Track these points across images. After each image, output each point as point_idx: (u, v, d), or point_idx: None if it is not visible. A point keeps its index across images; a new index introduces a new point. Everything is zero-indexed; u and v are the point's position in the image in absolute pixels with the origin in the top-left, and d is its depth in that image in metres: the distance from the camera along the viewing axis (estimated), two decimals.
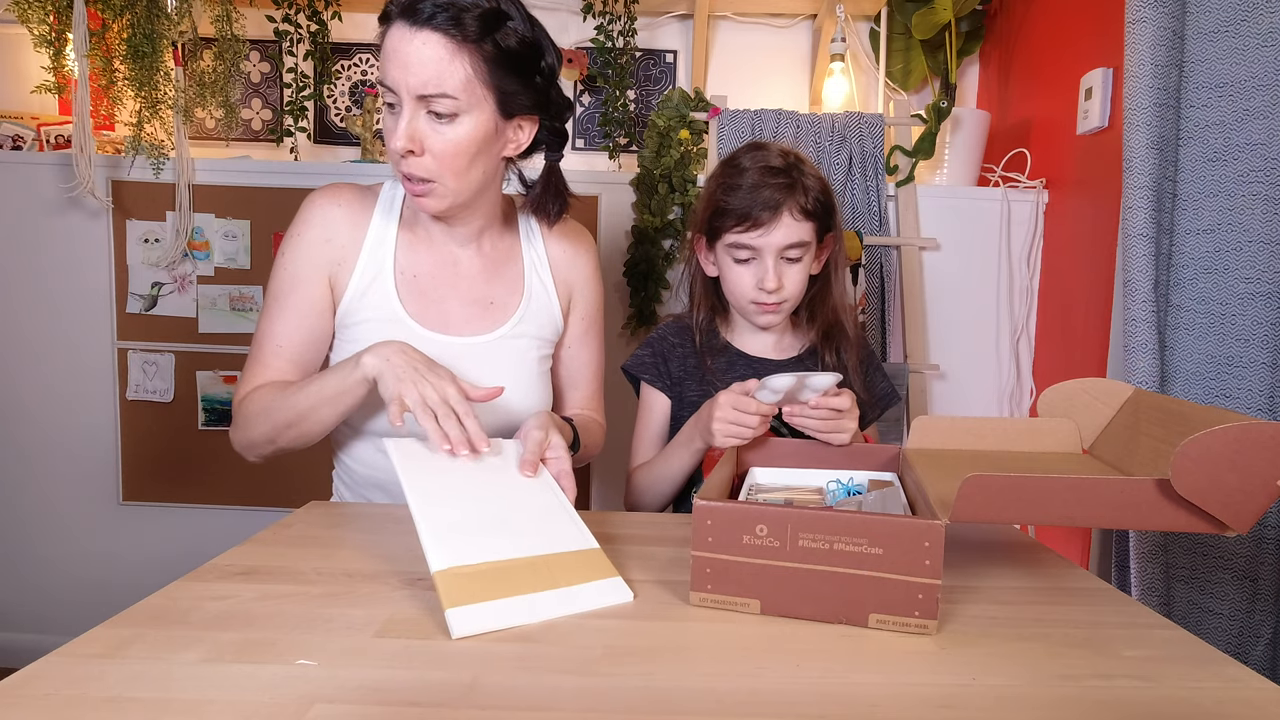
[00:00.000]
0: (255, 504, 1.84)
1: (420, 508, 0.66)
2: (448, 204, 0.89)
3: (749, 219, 0.97)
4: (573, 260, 1.06)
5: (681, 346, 1.09)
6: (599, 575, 0.67)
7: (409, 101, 0.82)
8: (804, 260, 1.00)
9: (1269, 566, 1.11)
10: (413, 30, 0.79)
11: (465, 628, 0.57)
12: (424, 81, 0.80)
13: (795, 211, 0.97)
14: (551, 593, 0.63)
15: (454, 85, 0.81)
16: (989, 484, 0.59)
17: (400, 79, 0.81)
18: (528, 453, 0.80)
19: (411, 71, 0.80)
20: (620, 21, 1.92)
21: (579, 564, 0.67)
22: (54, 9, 1.59)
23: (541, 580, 0.63)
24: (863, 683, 0.51)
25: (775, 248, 0.97)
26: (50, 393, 1.81)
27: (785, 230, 0.97)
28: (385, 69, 0.82)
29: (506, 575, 0.63)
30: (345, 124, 2.11)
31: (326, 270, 0.94)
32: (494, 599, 0.60)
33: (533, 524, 0.71)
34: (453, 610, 0.58)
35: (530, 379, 1.00)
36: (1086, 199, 1.59)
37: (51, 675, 0.49)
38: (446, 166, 0.85)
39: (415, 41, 0.80)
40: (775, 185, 0.97)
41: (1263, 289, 1.10)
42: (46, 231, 1.77)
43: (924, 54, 1.98)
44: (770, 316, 1.02)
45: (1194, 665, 0.55)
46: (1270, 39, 1.09)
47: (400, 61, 0.80)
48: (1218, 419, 0.63)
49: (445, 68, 0.80)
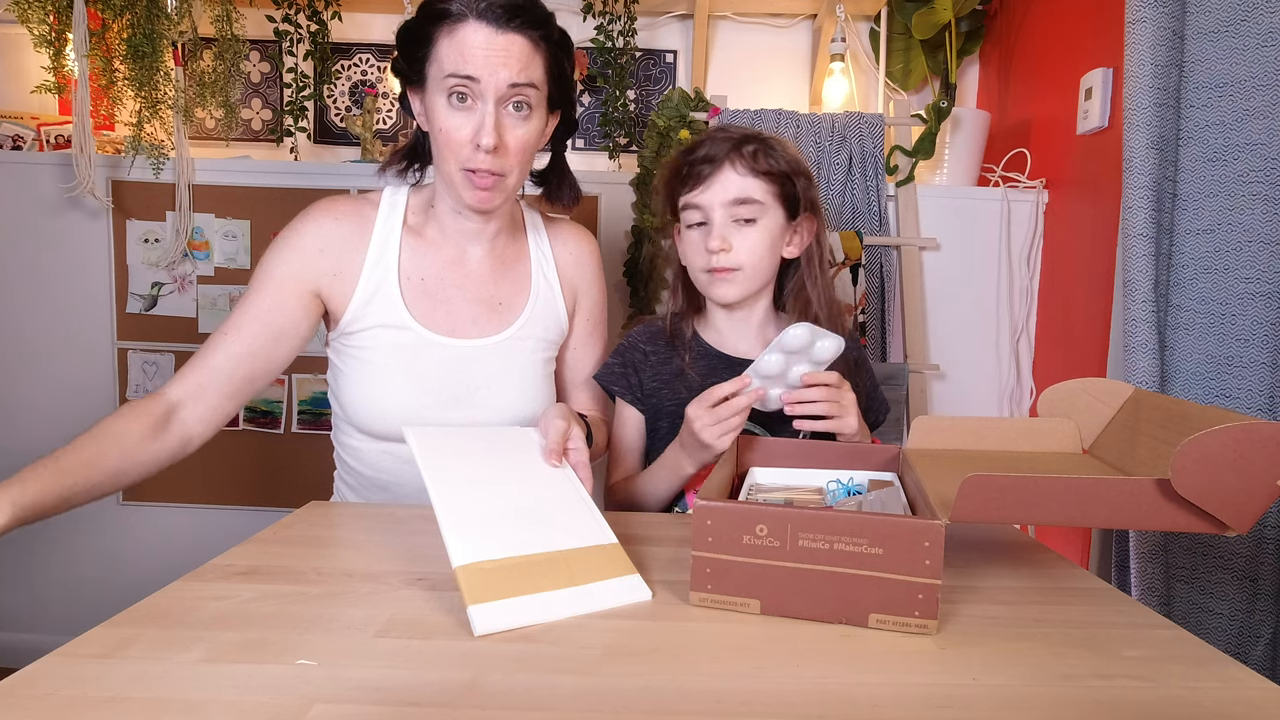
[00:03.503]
0: (255, 504, 1.84)
1: (441, 498, 0.66)
2: (505, 197, 0.92)
3: (692, 176, 0.95)
4: (578, 261, 1.06)
5: (655, 354, 1.03)
6: (618, 572, 0.67)
7: (493, 97, 0.84)
8: (760, 225, 0.95)
9: (1269, 566, 1.10)
10: (496, 31, 0.83)
11: (487, 625, 0.57)
12: (514, 74, 0.84)
13: (739, 164, 0.93)
14: (571, 590, 0.63)
15: (537, 79, 0.87)
16: (989, 484, 0.59)
17: (488, 72, 0.83)
18: (551, 442, 0.80)
19: (503, 66, 0.83)
20: (620, 21, 1.92)
21: (599, 560, 0.67)
22: (54, 9, 1.59)
23: (561, 577, 0.63)
24: (863, 683, 0.51)
25: (720, 203, 0.93)
26: (50, 393, 1.81)
27: (726, 183, 0.93)
28: (463, 63, 0.83)
29: (527, 571, 0.62)
30: (345, 124, 2.11)
31: (314, 281, 0.92)
32: (515, 595, 0.60)
33: (553, 517, 0.71)
34: (475, 607, 0.57)
35: (536, 380, 1.00)
36: (1086, 199, 1.59)
37: (51, 675, 0.49)
38: (516, 160, 0.89)
39: (501, 40, 0.83)
40: (719, 140, 0.95)
41: (1263, 289, 1.10)
42: (46, 231, 1.77)
43: (924, 54, 1.98)
44: (724, 286, 0.96)
45: (1194, 665, 0.55)
46: (1270, 39, 1.09)
47: (487, 60, 0.83)
48: (1218, 419, 0.63)
49: (529, 65, 0.85)
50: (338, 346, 0.97)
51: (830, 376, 0.88)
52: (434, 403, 0.93)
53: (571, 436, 0.83)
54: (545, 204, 1.04)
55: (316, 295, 0.93)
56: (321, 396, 1.79)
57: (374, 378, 0.93)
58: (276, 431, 1.81)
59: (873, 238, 1.71)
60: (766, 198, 0.95)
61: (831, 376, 0.88)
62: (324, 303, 0.94)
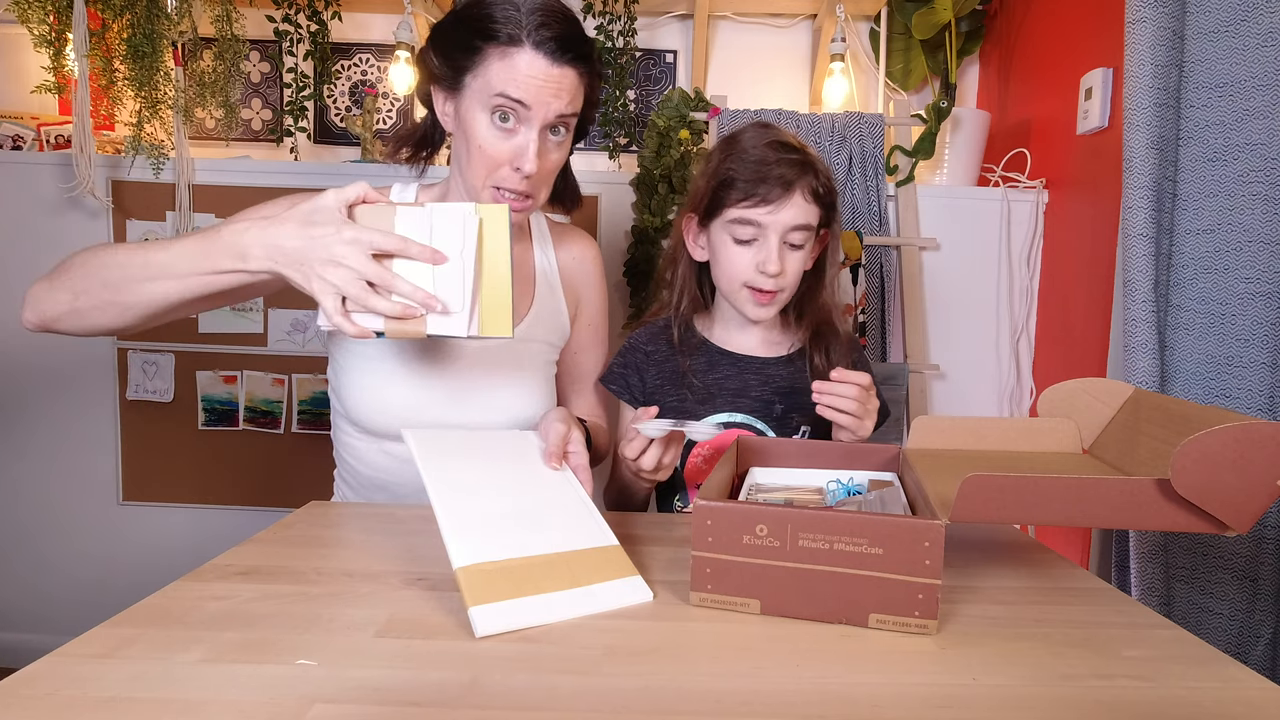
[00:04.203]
0: (255, 504, 1.84)
1: (441, 500, 0.66)
2: (528, 215, 0.95)
3: (757, 194, 0.91)
4: (580, 265, 1.07)
5: (658, 353, 1.04)
6: (619, 574, 0.67)
7: (539, 124, 0.85)
8: (805, 249, 0.95)
9: (1269, 566, 1.10)
10: (551, 64, 0.83)
11: (488, 626, 0.57)
12: (564, 106, 0.85)
13: (807, 192, 0.92)
14: (572, 591, 0.63)
15: (579, 109, 0.89)
16: (989, 484, 0.59)
17: (539, 106, 0.84)
18: (551, 445, 0.81)
19: (555, 98, 0.84)
20: (620, 21, 1.92)
21: (599, 562, 0.67)
22: (54, 9, 1.59)
23: (562, 579, 0.63)
24: (863, 683, 0.51)
25: (782, 227, 0.92)
26: (50, 392, 1.81)
27: (795, 210, 0.92)
28: (517, 87, 0.83)
29: (528, 573, 0.63)
30: (345, 124, 2.11)
31: None
32: (516, 597, 0.60)
33: (553, 519, 0.71)
34: (476, 608, 0.57)
35: (536, 382, 1.00)
36: (1086, 199, 1.59)
37: (51, 675, 0.49)
38: (544, 181, 0.91)
39: (555, 73, 0.84)
40: (789, 161, 0.92)
41: (1263, 289, 1.10)
42: (46, 231, 1.77)
43: (924, 54, 1.98)
44: (765, 307, 0.96)
45: (1194, 665, 0.55)
46: (1270, 39, 1.09)
47: (540, 90, 0.83)
48: (1218, 419, 0.63)
49: (576, 96, 0.87)
50: (340, 344, 0.97)
51: (863, 378, 0.86)
52: (434, 401, 0.93)
53: (571, 440, 0.83)
54: (547, 205, 1.04)
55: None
56: (321, 396, 1.79)
57: (375, 374, 0.93)
58: (276, 431, 1.81)
59: (873, 238, 1.71)
60: (817, 223, 0.96)
61: (864, 378, 0.86)
62: None
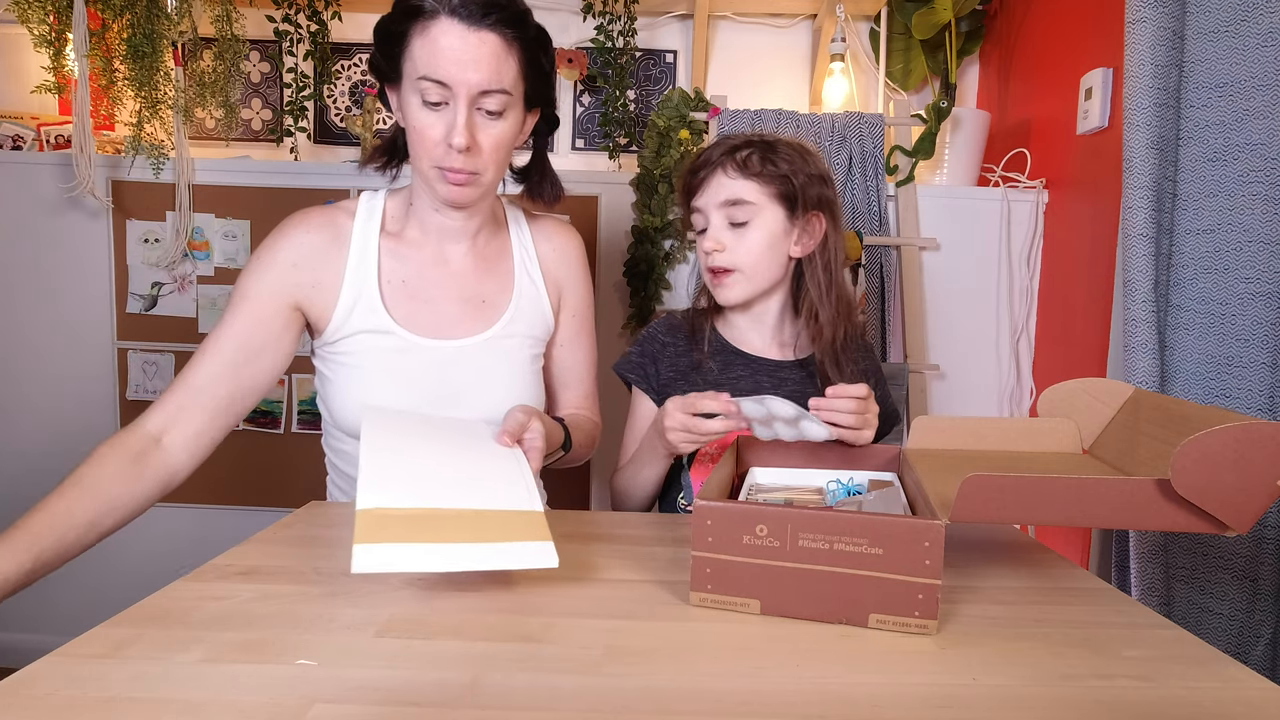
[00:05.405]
0: (255, 504, 1.84)
1: (368, 454, 0.66)
2: (480, 194, 0.91)
3: (694, 183, 0.99)
4: (562, 257, 1.06)
5: (673, 345, 1.06)
6: (529, 536, 0.64)
7: (464, 99, 0.83)
8: (755, 226, 0.96)
9: (1269, 566, 1.10)
10: (469, 28, 0.81)
11: (367, 564, 0.57)
12: (485, 79, 0.82)
13: (730, 168, 0.96)
14: (471, 545, 0.61)
15: (509, 82, 0.84)
16: (989, 484, 0.59)
17: (459, 77, 0.82)
18: (507, 424, 0.81)
19: (474, 70, 0.82)
20: (620, 21, 1.92)
21: (514, 523, 0.66)
22: (54, 9, 1.59)
23: (464, 532, 0.62)
24: (863, 683, 0.51)
25: (714, 205, 0.97)
26: (51, 393, 1.81)
27: (718, 186, 0.96)
28: (434, 66, 0.81)
29: (429, 522, 0.62)
30: (345, 124, 2.11)
31: (291, 296, 0.91)
32: (407, 542, 0.59)
33: (482, 481, 0.70)
34: (360, 546, 0.57)
35: (523, 378, 0.99)
36: (1086, 199, 1.59)
37: (51, 675, 0.49)
38: (491, 159, 0.88)
39: (473, 39, 0.81)
40: (715, 146, 0.99)
41: (1263, 289, 1.10)
42: (46, 231, 1.77)
43: (924, 54, 1.98)
44: (725, 289, 0.98)
45: (1194, 665, 0.55)
46: (1270, 39, 1.09)
47: (458, 59, 0.81)
48: (1218, 419, 0.63)
49: (502, 65, 0.83)
50: (323, 355, 0.96)
51: (860, 389, 0.86)
52: (420, 403, 0.93)
53: (529, 429, 0.83)
54: (527, 201, 1.03)
55: (296, 309, 0.92)
56: None
57: (360, 383, 0.93)
58: (276, 431, 1.81)
59: (873, 238, 1.71)
60: (760, 198, 0.96)
61: (861, 389, 0.86)
62: (305, 315, 0.93)
